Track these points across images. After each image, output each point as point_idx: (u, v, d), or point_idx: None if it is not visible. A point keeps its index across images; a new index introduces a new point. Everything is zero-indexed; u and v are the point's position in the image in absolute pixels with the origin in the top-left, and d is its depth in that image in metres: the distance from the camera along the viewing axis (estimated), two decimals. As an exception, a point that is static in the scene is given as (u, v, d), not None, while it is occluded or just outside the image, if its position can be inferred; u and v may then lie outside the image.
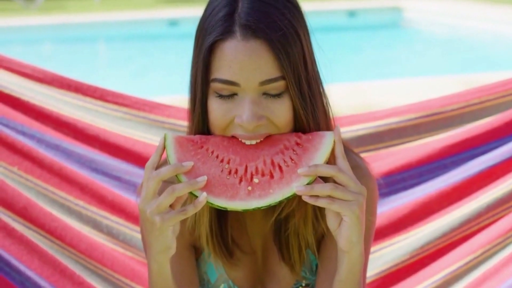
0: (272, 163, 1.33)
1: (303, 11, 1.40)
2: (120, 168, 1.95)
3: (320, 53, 1.44)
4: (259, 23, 1.32)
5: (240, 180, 1.32)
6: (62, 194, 1.88)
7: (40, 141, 1.90)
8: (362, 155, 1.95)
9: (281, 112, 1.35)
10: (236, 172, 1.33)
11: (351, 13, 13.75)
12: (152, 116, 1.99)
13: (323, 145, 1.33)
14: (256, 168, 1.33)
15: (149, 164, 1.32)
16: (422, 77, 7.44)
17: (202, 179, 1.30)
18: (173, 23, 12.95)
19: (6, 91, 1.92)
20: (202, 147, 1.35)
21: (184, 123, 1.95)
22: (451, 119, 1.98)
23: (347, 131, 1.96)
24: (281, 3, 1.36)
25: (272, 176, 1.32)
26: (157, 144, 1.95)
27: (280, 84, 1.34)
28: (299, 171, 1.29)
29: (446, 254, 1.89)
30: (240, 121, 1.33)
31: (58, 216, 1.84)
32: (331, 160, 1.33)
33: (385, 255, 1.93)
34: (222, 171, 1.33)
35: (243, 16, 1.33)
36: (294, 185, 1.29)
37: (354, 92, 6.24)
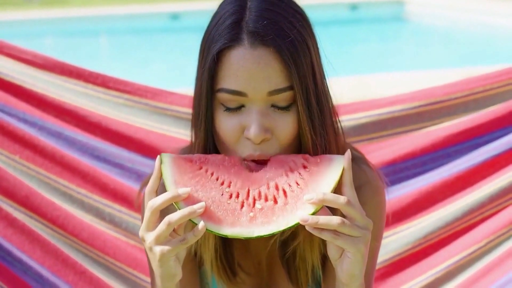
0: (276, 187, 1.27)
1: (312, 24, 1.36)
2: (122, 156, 1.93)
3: (322, 46, 1.39)
4: (267, 30, 1.27)
5: (242, 205, 1.25)
6: (64, 183, 1.87)
7: (41, 129, 1.89)
8: (365, 143, 1.94)
9: (287, 126, 1.30)
10: (237, 196, 1.26)
11: (353, 6, 13.74)
12: (154, 103, 1.97)
13: (332, 169, 1.26)
14: (259, 193, 1.26)
15: (148, 189, 1.26)
16: (424, 70, 7.42)
17: (200, 206, 1.22)
18: (174, 16, 12.95)
19: (7, 78, 1.91)
20: (201, 167, 1.28)
21: (186, 110, 1.94)
22: (454, 107, 1.96)
23: (350, 119, 1.94)
24: (290, 13, 1.32)
25: (276, 202, 1.25)
26: (159, 131, 1.94)
27: (288, 94, 1.29)
28: (305, 197, 1.23)
29: (449, 244, 1.88)
30: (248, 134, 1.29)
31: (60, 205, 1.83)
32: (339, 187, 1.26)
33: (388, 244, 1.92)
34: (222, 194, 1.25)
35: (251, 24, 1.28)
36: (299, 214, 1.22)
37: (356, 85, 6.22)
